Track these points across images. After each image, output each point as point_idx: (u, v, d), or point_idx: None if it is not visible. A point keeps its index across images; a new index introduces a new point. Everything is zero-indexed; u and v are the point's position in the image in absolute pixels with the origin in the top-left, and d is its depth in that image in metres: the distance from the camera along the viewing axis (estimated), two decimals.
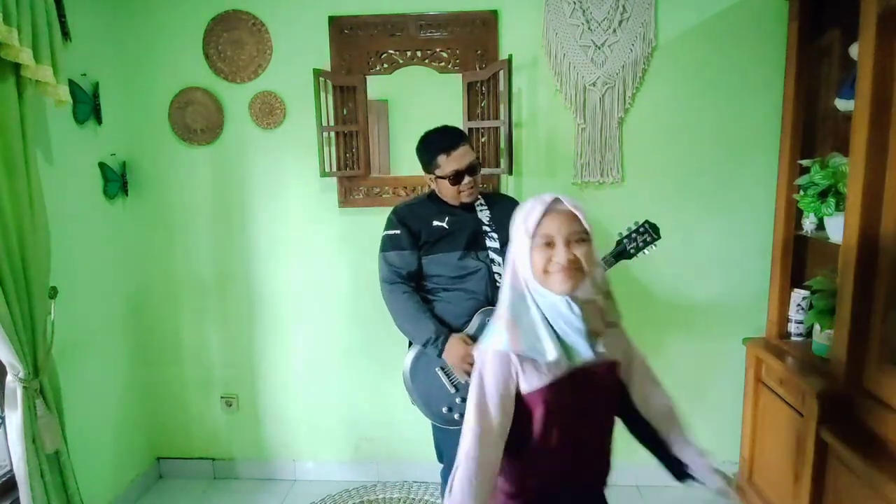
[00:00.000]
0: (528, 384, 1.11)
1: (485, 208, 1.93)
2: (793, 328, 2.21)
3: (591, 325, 1.13)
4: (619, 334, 1.23)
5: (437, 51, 2.33)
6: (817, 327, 1.98)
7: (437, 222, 1.87)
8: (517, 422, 1.14)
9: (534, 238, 1.11)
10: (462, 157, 1.82)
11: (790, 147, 2.15)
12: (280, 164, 2.46)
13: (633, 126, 2.34)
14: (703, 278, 2.40)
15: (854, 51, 1.74)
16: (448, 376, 1.82)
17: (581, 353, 1.12)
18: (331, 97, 2.37)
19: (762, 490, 2.19)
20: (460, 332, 1.80)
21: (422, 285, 1.90)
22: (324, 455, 2.66)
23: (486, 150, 2.36)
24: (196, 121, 2.44)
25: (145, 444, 2.64)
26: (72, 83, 2.08)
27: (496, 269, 1.84)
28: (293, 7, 2.35)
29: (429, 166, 1.88)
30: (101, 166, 2.32)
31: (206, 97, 2.42)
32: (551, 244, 1.10)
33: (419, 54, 2.34)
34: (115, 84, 2.37)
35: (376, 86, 2.37)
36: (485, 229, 1.89)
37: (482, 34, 2.30)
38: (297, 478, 2.67)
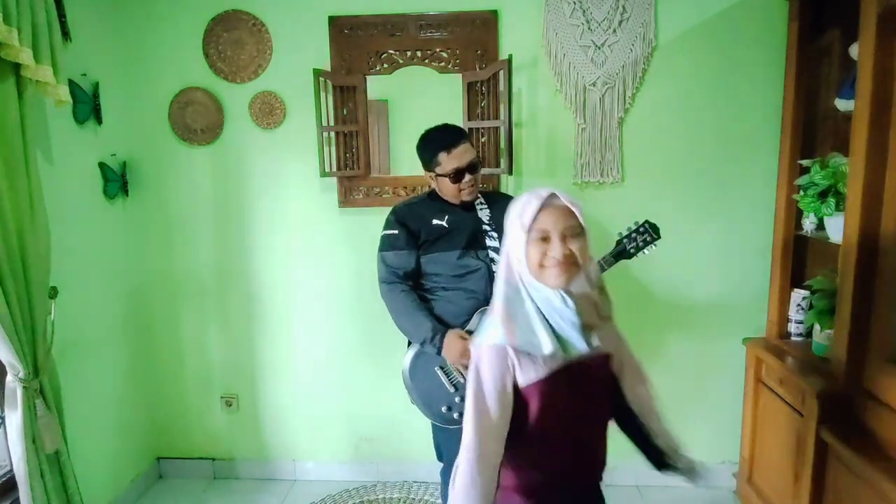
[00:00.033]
0: (525, 377, 1.12)
1: (485, 207, 1.93)
2: (793, 328, 2.21)
3: (585, 319, 1.13)
4: (611, 328, 1.24)
5: (437, 51, 2.33)
6: (817, 327, 1.98)
7: (436, 221, 1.86)
8: (516, 415, 1.14)
9: (530, 232, 1.11)
10: (463, 154, 1.82)
11: (790, 147, 2.15)
12: (280, 164, 2.46)
13: (633, 126, 2.34)
14: (703, 278, 2.40)
15: (854, 51, 1.74)
16: (447, 375, 1.81)
17: (576, 345, 1.12)
18: (331, 97, 2.37)
19: (762, 490, 2.19)
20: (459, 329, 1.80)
21: (421, 284, 1.90)
22: (324, 455, 2.66)
23: (486, 150, 2.36)
24: (196, 121, 2.44)
25: (145, 444, 2.63)
26: (72, 83, 2.08)
27: (496, 268, 1.83)
28: (293, 7, 2.35)
29: (429, 164, 1.87)
30: (101, 166, 2.32)
31: (207, 97, 2.42)
32: (547, 239, 1.11)
33: (419, 54, 2.34)
34: (115, 84, 2.37)
35: (376, 86, 2.37)
36: (484, 228, 1.89)
37: (482, 34, 2.30)
38: (297, 478, 2.67)
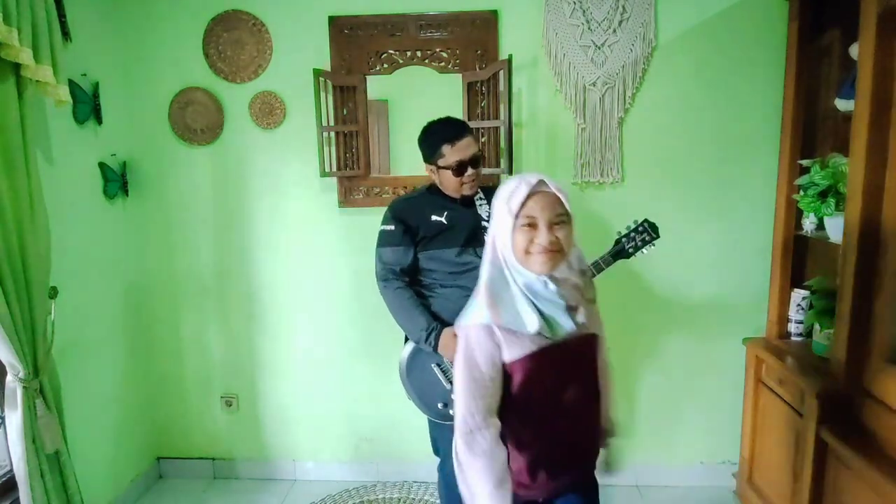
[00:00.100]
0: (511, 353, 1.14)
1: (484, 203, 1.91)
2: (793, 328, 2.21)
3: (568, 301, 1.16)
4: (595, 312, 1.27)
5: (437, 51, 2.33)
6: (817, 327, 1.98)
7: (435, 217, 1.84)
8: (505, 393, 1.17)
9: (517, 218, 1.12)
10: (466, 147, 1.80)
11: (790, 147, 2.15)
12: (280, 164, 2.46)
13: (633, 126, 2.34)
14: (703, 278, 2.40)
15: (854, 51, 1.74)
16: (444, 373, 1.81)
17: (563, 325, 1.15)
18: (331, 97, 2.37)
19: (762, 490, 2.19)
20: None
21: (418, 281, 1.89)
22: (324, 455, 2.66)
23: (486, 150, 2.35)
24: (196, 121, 2.44)
25: (145, 444, 2.63)
26: (72, 83, 2.08)
27: None
28: (293, 7, 2.35)
29: (431, 157, 1.84)
30: (101, 166, 2.32)
31: (207, 97, 2.42)
32: (534, 225, 1.12)
33: (419, 54, 2.34)
34: (115, 84, 2.37)
35: (376, 86, 2.37)
36: (484, 225, 1.86)
37: (482, 34, 2.30)
38: (297, 478, 2.67)
